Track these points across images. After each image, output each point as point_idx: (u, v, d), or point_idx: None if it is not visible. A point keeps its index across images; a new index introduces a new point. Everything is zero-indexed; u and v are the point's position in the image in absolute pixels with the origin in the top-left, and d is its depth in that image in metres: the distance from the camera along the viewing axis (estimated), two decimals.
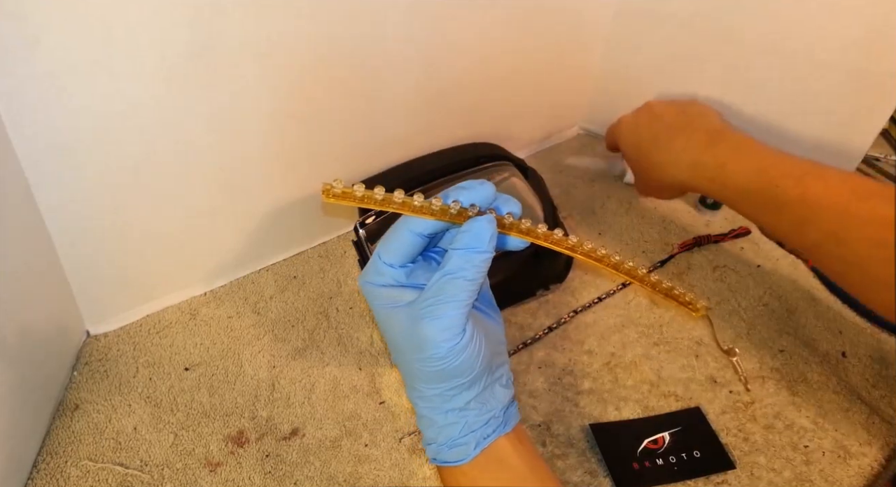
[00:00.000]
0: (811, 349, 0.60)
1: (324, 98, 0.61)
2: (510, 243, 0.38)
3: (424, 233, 0.37)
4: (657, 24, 0.77)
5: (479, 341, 0.35)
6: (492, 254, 0.36)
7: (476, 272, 0.35)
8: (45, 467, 0.50)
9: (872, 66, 0.65)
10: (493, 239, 0.35)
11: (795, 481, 0.50)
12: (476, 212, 0.36)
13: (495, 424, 0.38)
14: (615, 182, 0.82)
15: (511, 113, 0.81)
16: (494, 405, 0.38)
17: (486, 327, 0.38)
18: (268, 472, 0.51)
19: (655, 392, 0.57)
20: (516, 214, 0.38)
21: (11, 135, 0.47)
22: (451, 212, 0.36)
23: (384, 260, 0.37)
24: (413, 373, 0.37)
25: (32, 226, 0.52)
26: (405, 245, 0.37)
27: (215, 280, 0.67)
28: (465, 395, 0.37)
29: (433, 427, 0.38)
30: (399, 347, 0.37)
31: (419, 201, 0.36)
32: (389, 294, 0.37)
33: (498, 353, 0.39)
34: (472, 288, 0.35)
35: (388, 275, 0.37)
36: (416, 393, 0.38)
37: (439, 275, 0.35)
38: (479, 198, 0.37)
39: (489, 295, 0.42)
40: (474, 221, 0.36)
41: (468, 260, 0.35)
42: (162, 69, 0.50)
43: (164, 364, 0.59)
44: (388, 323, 0.37)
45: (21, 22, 0.43)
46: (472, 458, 0.37)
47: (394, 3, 0.60)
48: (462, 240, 0.35)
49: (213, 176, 0.59)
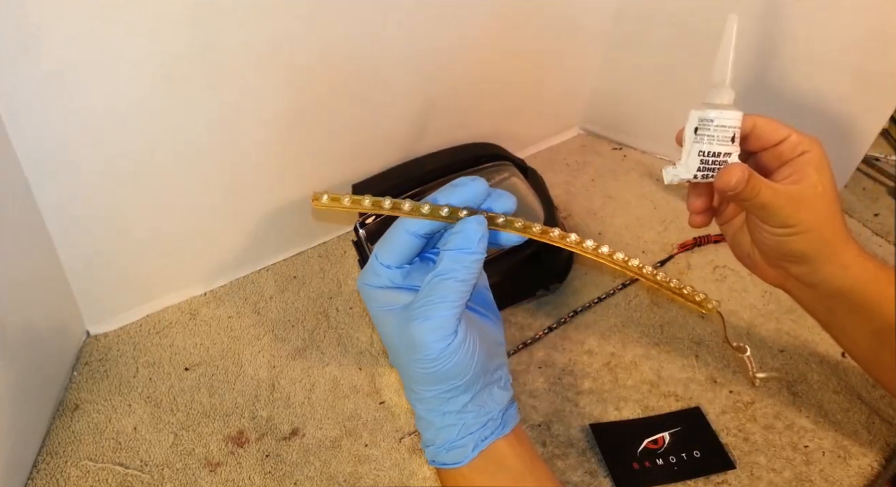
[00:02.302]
0: (811, 349, 0.60)
1: (324, 98, 0.61)
2: (502, 238, 0.38)
3: (420, 232, 0.37)
4: (657, 24, 0.77)
5: (472, 343, 0.35)
6: (482, 255, 0.36)
7: (467, 273, 0.35)
8: (45, 467, 0.50)
9: (872, 66, 0.65)
10: (482, 240, 0.35)
11: (795, 481, 0.50)
12: (467, 212, 0.36)
13: (493, 426, 0.38)
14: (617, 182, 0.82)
15: (511, 113, 0.81)
16: (493, 407, 0.38)
17: (482, 328, 0.38)
18: (268, 472, 0.51)
19: (655, 392, 0.57)
20: (511, 210, 0.37)
21: (11, 135, 0.47)
22: (443, 213, 0.36)
23: (381, 262, 0.37)
24: (409, 375, 0.37)
25: (32, 226, 0.52)
26: (401, 245, 0.37)
27: (215, 280, 0.67)
28: (462, 397, 0.37)
29: (431, 428, 0.38)
30: (395, 349, 0.37)
31: (408, 206, 0.36)
32: (386, 296, 0.37)
33: (495, 355, 0.39)
34: (464, 289, 0.35)
35: (384, 276, 0.37)
36: (413, 395, 0.38)
37: (430, 277, 0.35)
38: (471, 196, 0.37)
39: (487, 296, 0.42)
40: (464, 222, 0.36)
41: (458, 260, 0.35)
42: (162, 69, 0.50)
43: (164, 364, 0.59)
44: (384, 325, 0.37)
45: (21, 22, 0.43)
46: (469, 460, 0.37)
47: (394, 4, 0.60)
48: (452, 241, 0.35)
49: (213, 176, 0.59)
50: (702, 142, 0.41)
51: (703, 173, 0.41)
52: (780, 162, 0.42)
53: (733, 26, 0.41)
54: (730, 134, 0.40)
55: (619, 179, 0.83)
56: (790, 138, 0.42)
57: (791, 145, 0.42)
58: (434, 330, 0.34)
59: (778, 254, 0.44)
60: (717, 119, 0.40)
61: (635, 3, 0.77)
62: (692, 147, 0.41)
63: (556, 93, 0.85)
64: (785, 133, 0.42)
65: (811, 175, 0.41)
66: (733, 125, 0.40)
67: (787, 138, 0.42)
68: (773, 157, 0.43)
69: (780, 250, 0.44)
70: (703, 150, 0.41)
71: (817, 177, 0.41)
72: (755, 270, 0.48)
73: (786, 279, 0.47)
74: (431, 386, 0.36)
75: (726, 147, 0.41)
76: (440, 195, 0.37)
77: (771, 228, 0.42)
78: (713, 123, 0.40)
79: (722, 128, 0.40)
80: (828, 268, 0.43)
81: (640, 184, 0.82)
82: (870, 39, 0.64)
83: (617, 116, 0.88)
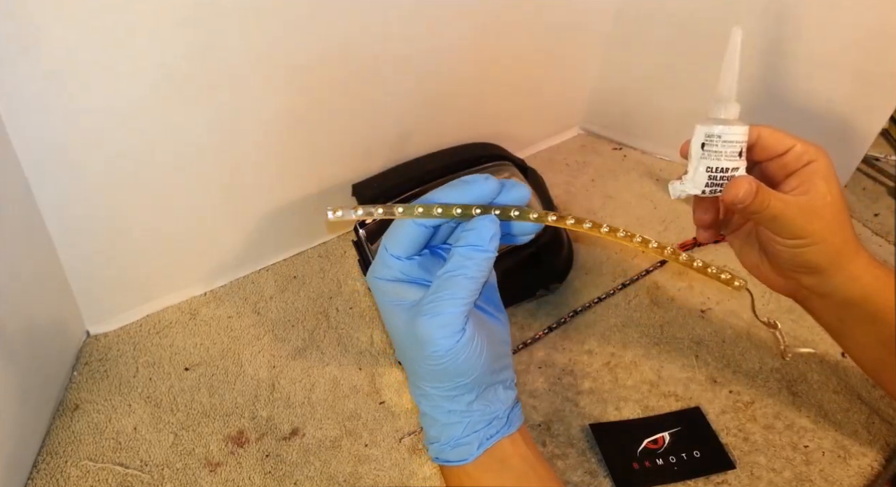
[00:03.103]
0: (811, 349, 0.60)
1: (324, 98, 0.61)
2: (515, 228, 0.38)
3: (427, 222, 0.37)
4: (657, 24, 0.77)
5: (480, 341, 0.35)
6: (494, 254, 0.36)
7: (477, 270, 0.35)
8: (45, 467, 0.50)
9: (873, 66, 0.65)
10: (494, 238, 0.36)
11: (795, 481, 0.50)
12: (480, 210, 0.37)
13: (499, 425, 0.38)
14: (617, 182, 0.82)
15: (511, 113, 0.81)
16: (498, 406, 0.38)
17: (489, 328, 0.38)
18: (268, 472, 0.51)
19: (655, 392, 0.57)
20: (524, 200, 0.38)
21: (11, 135, 0.47)
22: (455, 213, 0.36)
23: (391, 253, 0.37)
24: (416, 371, 0.37)
25: (32, 225, 0.52)
26: (410, 235, 0.37)
27: (215, 280, 0.67)
28: (468, 396, 0.37)
29: (436, 426, 0.38)
30: (402, 345, 0.37)
31: (421, 209, 0.36)
32: (396, 290, 0.37)
33: (502, 355, 0.39)
34: (473, 287, 0.35)
35: (395, 268, 0.37)
36: (418, 392, 0.38)
37: (441, 273, 0.35)
38: (481, 195, 0.37)
39: (496, 295, 0.41)
40: (477, 220, 0.36)
41: (470, 258, 0.35)
42: (162, 69, 0.50)
43: (164, 364, 0.59)
44: (392, 320, 0.37)
45: (21, 22, 0.43)
46: (474, 458, 0.37)
47: (394, 4, 0.60)
48: (465, 238, 0.36)
49: (213, 176, 0.59)
50: (709, 158, 0.40)
51: (711, 189, 0.41)
52: (785, 172, 0.42)
53: (738, 40, 0.40)
54: (737, 149, 0.40)
55: (619, 179, 0.83)
56: (795, 148, 0.41)
57: (796, 155, 0.41)
58: (443, 326, 0.34)
59: (791, 266, 0.44)
60: (724, 135, 0.40)
61: (635, 3, 0.77)
62: (699, 163, 0.41)
63: (556, 93, 0.85)
64: (790, 143, 0.41)
65: (819, 185, 0.40)
66: (740, 140, 0.40)
67: (792, 148, 0.41)
68: (779, 167, 0.42)
69: (794, 262, 0.43)
70: (711, 166, 0.40)
71: (826, 187, 0.41)
72: (764, 280, 0.48)
73: (796, 288, 0.46)
74: (437, 383, 0.36)
75: (734, 162, 0.40)
76: (450, 191, 0.37)
77: (783, 240, 0.42)
78: (720, 139, 0.40)
79: (729, 144, 0.40)
80: (839, 278, 0.43)
81: (640, 184, 0.82)
82: (870, 39, 0.64)
83: (617, 116, 0.88)
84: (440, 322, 0.34)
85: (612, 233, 0.38)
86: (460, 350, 0.34)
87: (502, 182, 0.37)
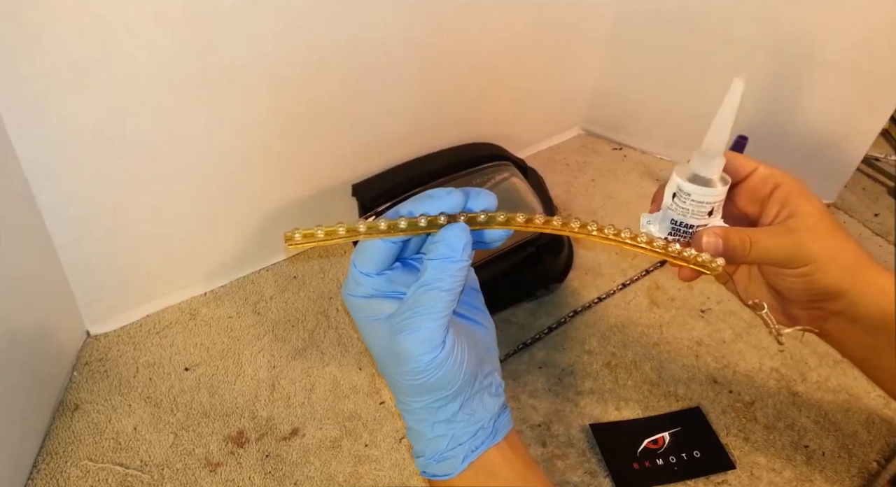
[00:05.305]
0: (811, 349, 0.60)
1: (324, 98, 0.61)
2: (487, 236, 0.37)
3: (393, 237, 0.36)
4: (657, 24, 0.77)
5: (460, 352, 0.34)
6: (467, 263, 0.35)
7: (452, 282, 0.34)
8: (45, 467, 0.50)
9: (873, 66, 0.65)
10: (466, 247, 0.35)
11: (795, 481, 0.50)
12: (447, 219, 0.35)
13: (483, 435, 0.37)
14: (617, 182, 0.82)
15: (511, 113, 0.81)
16: (483, 415, 0.37)
17: (471, 335, 0.37)
18: (268, 472, 0.51)
19: (655, 392, 0.57)
20: (491, 207, 0.36)
21: (11, 135, 0.47)
22: (421, 224, 0.35)
23: (360, 270, 0.37)
24: (397, 386, 0.36)
25: (32, 225, 0.52)
26: (377, 252, 0.36)
27: (215, 280, 0.67)
28: (451, 407, 0.36)
29: (421, 440, 0.37)
30: (381, 360, 0.36)
31: (385, 225, 0.35)
32: (370, 305, 0.36)
33: (486, 361, 0.38)
34: (449, 299, 0.34)
35: (366, 285, 0.36)
36: (402, 406, 0.37)
37: (415, 287, 0.34)
38: (446, 208, 0.36)
39: (478, 300, 0.41)
40: (447, 230, 0.35)
41: (443, 270, 0.34)
42: (161, 69, 0.50)
43: (164, 364, 0.59)
44: (370, 335, 0.37)
45: (21, 22, 0.43)
46: (459, 472, 0.36)
47: (394, 4, 0.60)
48: (436, 249, 0.35)
49: (213, 176, 0.59)
50: (676, 211, 0.39)
51: (675, 238, 0.40)
52: (756, 199, 0.41)
53: (738, 92, 0.37)
54: (706, 209, 0.39)
55: (619, 179, 0.83)
56: (758, 171, 0.40)
57: (761, 178, 0.40)
58: (421, 341, 0.33)
59: (810, 297, 0.41)
60: (694, 194, 0.38)
61: (635, 4, 0.77)
62: (665, 212, 0.40)
63: (556, 93, 0.85)
64: (752, 166, 0.40)
65: (802, 204, 0.39)
66: (712, 201, 0.38)
67: (754, 171, 0.40)
68: (749, 197, 0.41)
69: (812, 291, 0.40)
70: (676, 220, 0.40)
71: (808, 205, 0.39)
72: (784, 320, 0.45)
73: (824, 320, 0.43)
74: (419, 397, 0.35)
75: (700, 220, 0.39)
76: (414, 206, 0.36)
77: (792, 271, 0.40)
78: (689, 197, 0.38)
79: (698, 204, 0.38)
80: (867, 296, 0.40)
81: (640, 184, 0.82)
82: (870, 40, 0.64)
83: (617, 116, 0.88)
84: (419, 337, 0.33)
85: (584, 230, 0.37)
86: (439, 364, 0.34)
87: (466, 191, 0.36)
